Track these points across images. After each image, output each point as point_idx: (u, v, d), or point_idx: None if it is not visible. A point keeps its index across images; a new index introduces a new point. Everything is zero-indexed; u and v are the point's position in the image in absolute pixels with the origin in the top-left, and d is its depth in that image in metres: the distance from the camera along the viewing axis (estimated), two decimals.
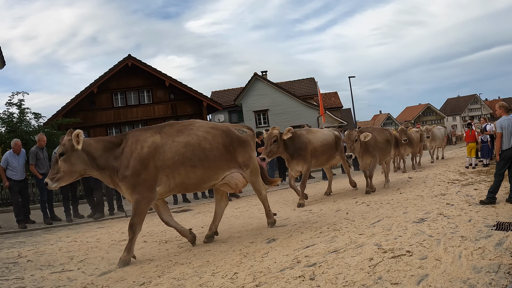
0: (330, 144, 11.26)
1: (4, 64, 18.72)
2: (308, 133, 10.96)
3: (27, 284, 5.45)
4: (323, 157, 11.08)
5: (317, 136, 11.04)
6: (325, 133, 11.54)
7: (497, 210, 7.00)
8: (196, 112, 30.56)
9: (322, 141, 11.00)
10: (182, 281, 4.99)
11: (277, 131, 10.03)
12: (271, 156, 10.07)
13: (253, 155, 7.42)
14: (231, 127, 7.32)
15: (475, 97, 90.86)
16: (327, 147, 11.10)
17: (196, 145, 6.52)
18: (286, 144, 10.13)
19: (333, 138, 11.48)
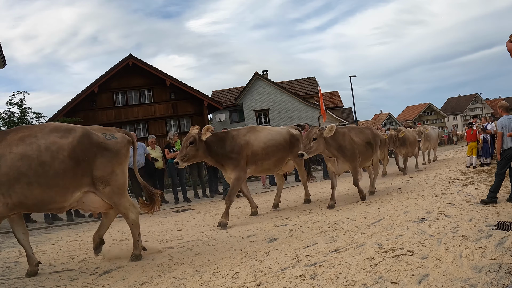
0: (280, 146, 9.49)
1: (5, 64, 18.70)
2: (248, 132, 9.30)
3: (28, 283, 5.46)
4: (268, 162, 9.36)
5: (260, 136, 9.33)
6: (275, 132, 9.76)
7: (498, 209, 7.00)
8: (197, 112, 30.58)
9: (267, 142, 9.28)
10: (183, 281, 5.00)
11: (196, 131, 8.57)
12: (188, 161, 8.56)
13: (119, 169, 6.03)
14: (94, 131, 6.02)
15: (476, 97, 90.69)
16: (274, 149, 9.36)
17: (34, 157, 5.44)
18: (210, 146, 8.62)
19: (286, 138, 9.70)
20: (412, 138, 16.06)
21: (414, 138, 16.24)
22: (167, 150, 13.02)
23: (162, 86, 29.95)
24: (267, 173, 10.96)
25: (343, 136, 9.45)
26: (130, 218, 6.22)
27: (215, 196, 13.77)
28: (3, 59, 18.00)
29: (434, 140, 19.38)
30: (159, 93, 30.41)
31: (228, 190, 12.70)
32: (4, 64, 18.40)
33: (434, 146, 19.84)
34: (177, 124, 30.63)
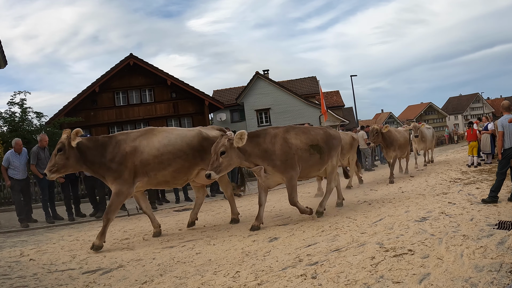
0: (180, 152, 7.70)
1: (6, 64, 18.72)
2: (140, 136, 7.68)
3: (29, 283, 5.46)
4: (163, 173, 7.65)
5: (153, 141, 7.64)
6: (175, 135, 7.90)
7: (499, 209, 7.00)
8: (198, 111, 30.60)
9: (162, 149, 7.58)
10: (184, 280, 5.00)
11: (65, 136, 7.31)
12: (58, 171, 7.25)
13: None
14: None
15: (477, 96, 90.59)
16: (171, 158, 7.62)
17: None
18: (85, 154, 7.29)
19: (192, 142, 7.90)
20: (403, 139, 14.00)
21: (404, 139, 14.22)
22: None
23: (163, 85, 29.97)
24: (166, 187, 8.74)
25: (273, 139, 7.67)
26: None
27: (216, 196, 13.77)
28: (4, 59, 18.02)
29: (430, 140, 17.68)
30: (160, 92, 30.43)
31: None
32: (5, 63, 18.43)
33: (430, 147, 18.30)
34: (178, 124, 30.62)
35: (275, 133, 7.80)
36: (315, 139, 8.19)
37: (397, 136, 13.63)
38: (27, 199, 10.97)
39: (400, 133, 14.15)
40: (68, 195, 11.21)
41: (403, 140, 14.02)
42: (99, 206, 11.35)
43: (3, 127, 22.03)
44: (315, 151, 8.09)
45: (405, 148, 14.40)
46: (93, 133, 24.75)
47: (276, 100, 37.88)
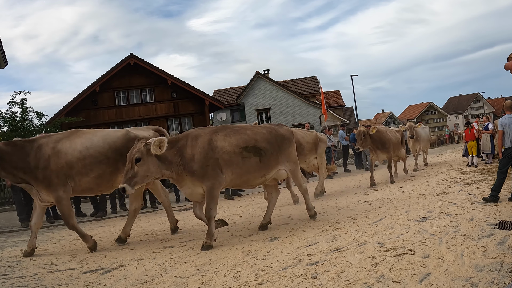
0: (102, 157, 6.98)
1: (6, 63, 18.71)
2: (65, 138, 7.01)
3: (30, 282, 5.46)
4: (86, 180, 6.96)
5: (77, 142, 6.96)
6: (99, 137, 7.17)
7: (499, 208, 7.00)
8: (198, 111, 30.60)
9: (84, 151, 6.90)
10: (184, 280, 5.00)
11: None
12: None
13: None
14: None
15: (477, 96, 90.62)
16: (93, 162, 6.93)
17: None
18: (3, 160, 6.56)
19: (117, 145, 7.12)
20: (395, 139, 13.18)
21: (397, 139, 13.37)
22: None
23: (163, 85, 29.97)
24: (90, 194, 7.84)
25: (193, 141, 6.66)
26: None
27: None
28: (5, 59, 18.02)
29: (425, 140, 16.73)
30: (161, 92, 30.43)
31: (228, 189, 12.76)
32: (5, 63, 18.42)
33: (425, 148, 17.36)
34: (178, 124, 30.64)
35: (198, 134, 6.77)
36: (252, 139, 7.06)
37: (389, 136, 12.82)
38: (28, 199, 10.95)
39: (392, 133, 13.33)
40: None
41: (396, 140, 13.21)
42: (99, 205, 11.35)
43: (4, 127, 22.05)
44: (252, 153, 6.95)
45: (398, 148, 13.49)
46: None
47: (276, 100, 37.90)
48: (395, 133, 13.64)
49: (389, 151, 12.64)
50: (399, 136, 13.71)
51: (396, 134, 13.60)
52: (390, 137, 12.81)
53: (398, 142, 13.40)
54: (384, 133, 12.70)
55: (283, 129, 7.89)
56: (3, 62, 18.19)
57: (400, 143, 13.68)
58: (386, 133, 12.75)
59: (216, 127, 7.13)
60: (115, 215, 11.27)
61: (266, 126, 7.66)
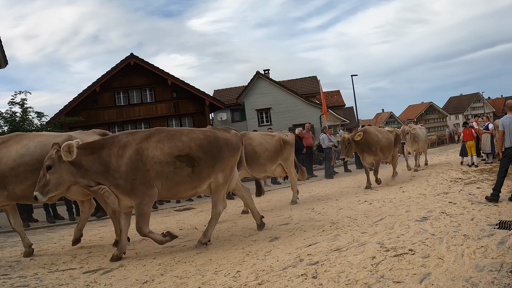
0: (38, 164, 6.20)
1: (7, 63, 18.71)
2: (1, 144, 6.63)
3: (30, 282, 5.46)
4: (21, 188, 6.49)
5: (12, 150, 6.55)
6: (36, 143, 6.67)
7: (499, 208, 7.00)
8: (199, 111, 30.58)
9: (18, 159, 6.47)
10: (184, 279, 5.00)
11: None
12: None
13: None
14: None
15: (477, 96, 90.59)
16: (29, 169, 6.43)
17: None
18: None
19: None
20: (385, 140, 12.40)
21: (388, 141, 12.56)
22: None
23: (163, 85, 29.96)
24: (30, 202, 7.20)
25: (120, 150, 6.04)
26: None
27: None
28: (5, 59, 18.02)
29: (423, 141, 16.46)
30: (161, 92, 30.42)
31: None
32: (5, 63, 18.43)
33: (424, 149, 17.08)
34: (178, 123, 30.62)
35: (126, 142, 6.10)
36: (186, 147, 6.32)
37: (377, 138, 12.06)
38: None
39: (383, 134, 12.54)
40: None
41: (386, 142, 12.44)
42: (100, 206, 11.33)
43: (4, 127, 22.01)
44: (184, 163, 6.26)
45: (389, 151, 12.77)
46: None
47: (276, 99, 37.86)
48: (386, 133, 12.81)
49: (377, 154, 12.01)
50: (391, 137, 12.91)
51: (387, 135, 12.79)
52: (379, 139, 12.09)
53: (389, 144, 12.61)
54: (372, 134, 12.00)
55: (227, 134, 6.99)
56: (3, 62, 18.20)
57: (392, 144, 12.88)
58: (374, 135, 12.04)
59: (150, 131, 6.44)
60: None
61: (205, 131, 6.80)
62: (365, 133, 11.70)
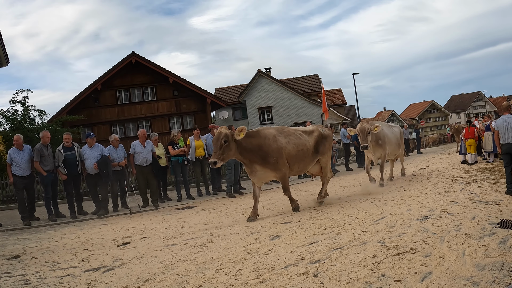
0: None
1: (8, 62, 18.72)
2: None
3: (31, 280, 5.47)
4: None
5: None
6: None
7: (501, 208, 6.98)
8: (200, 109, 30.62)
9: None
10: (186, 278, 5.01)
11: None
12: None
13: None
14: None
15: (479, 94, 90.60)
16: None
17: None
18: None
19: None
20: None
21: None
22: (171, 147, 13.03)
23: (165, 83, 29.99)
24: None
25: None
26: None
27: (218, 194, 13.76)
28: (6, 57, 18.04)
29: (393, 145, 12.40)
30: (162, 90, 30.46)
31: (230, 187, 12.80)
32: (7, 62, 18.45)
33: (396, 154, 12.99)
34: (180, 122, 30.66)
35: None
36: None
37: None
38: (31, 197, 10.98)
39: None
40: (71, 193, 11.24)
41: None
42: (101, 203, 11.37)
43: (6, 125, 22.08)
44: None
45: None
46: (95, 131, 24.78)
47: (278, 98, 37.91)
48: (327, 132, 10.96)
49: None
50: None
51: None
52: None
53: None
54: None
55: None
56: (4, 61, 18.21)
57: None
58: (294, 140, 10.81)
59: None
60: (117, 213, 11.28)
61: None
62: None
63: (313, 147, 9.35)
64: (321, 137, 9.65)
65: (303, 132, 9.37)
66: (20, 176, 10.41)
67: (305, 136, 9.26)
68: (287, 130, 9.11)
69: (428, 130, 79.15)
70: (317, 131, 9.70)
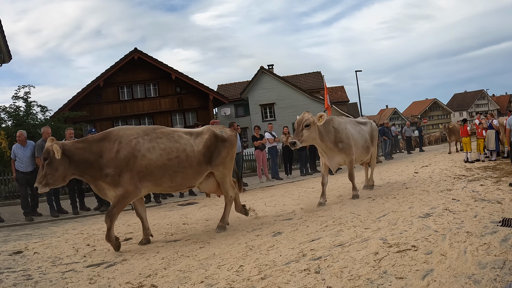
0: None
1: (11, 58, 18.79)
2: None
3: (34, 276, 5.49)
4: None
5: None
6: None
7: (503, 206, 6.98)
8: (203, 106, 30.63)
9: None
10: (187, 274, 5.02)
11: None
12: None
13: None
14: None
15: (482, 93, 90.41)
16: None
17: None
18: None
19: None
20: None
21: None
22: None
23: (167, 80, 29.99)
24: None
25: None
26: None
27: None
28: (9, 53, 18.09)
29: (359, 148, 9.64)
30: (165, 87, 30.47)
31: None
32: (9, 58, 18.50)
33: (362, 160, 10.27)
34: (182, 118, 30.69)
35: None
36: None
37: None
38: (35, 192, 10.99)
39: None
40: (73, 189, 11.27)
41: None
42: (103, 200, 11.38)
43: (8, 121, 22.07)
44: None
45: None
46: (97, 127, 24.80)
47: (280, 95, 37.88)
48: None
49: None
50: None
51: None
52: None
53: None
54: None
55: None
56: (7, 57, 18.28)
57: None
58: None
59: None
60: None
61: None
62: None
63: (201, 154, 7.03)
64: (216, 141, 7.28)
65: (186, 133, 7.19)
66: (23, 171, 10.45)
67: (187, 138, 7.03)
68: (160, 131, 6.94)
69: (430, 128, 79.12)
70: (209, 132, 7.31)
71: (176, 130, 7.19)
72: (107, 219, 6.35)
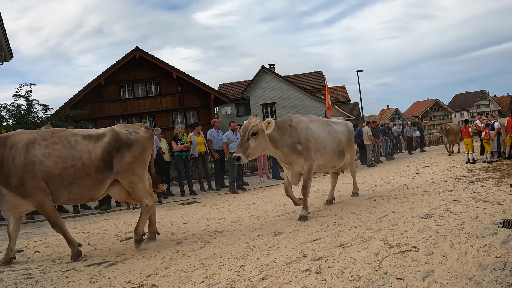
0: None
1: (12, 56, 18.77)
2: None
3: (34, 274, 5.50)
4: None
5: None
6: None
7: (503, 207, 6.98)
8: (204, 105, 30.59)
9: None
10: (188, 273, 5.02)
11: None
12: None
13: None
14: None
15: (483, 93, 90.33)
16: None
17: None
18: None
19: None
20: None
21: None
22: (174, 142, 13.05)
23: (168, 79, 29.96)
24: None
25: None
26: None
27: (221, 189, 13.79)
28: (10, 51, 18.09)
29: (328, 152, 8.17)
30: (166, 86, 30.43)
31: (233, 183, 12.82)
32: (11, 56, 18.49)
33: (335, 166, 8.78)
34: (183, 117, 30.65)
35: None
36: None
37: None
38: None
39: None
40: None
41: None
42: (104, 198, 11.39)
43: (9, 119, 22.07)
44: None
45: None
46: (98, 126, 24.80)
47: (282, 94, 37.83)
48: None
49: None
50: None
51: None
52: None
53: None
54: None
55: None
56: (8, 55, 18.26)
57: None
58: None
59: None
60: (120, 208, 11.30)
61: None
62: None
63: (100, 160, 6.18)
64: (118, 144, 6.37)
65: (85, 138, 6.28)
66: None
67: (84, 144, 6.19)
68: (58, 135, 6.16)
69: (431, 128, 79.02)
70: (110, 135, 6.40)
71: (76, 133, 6.31)
72: None
